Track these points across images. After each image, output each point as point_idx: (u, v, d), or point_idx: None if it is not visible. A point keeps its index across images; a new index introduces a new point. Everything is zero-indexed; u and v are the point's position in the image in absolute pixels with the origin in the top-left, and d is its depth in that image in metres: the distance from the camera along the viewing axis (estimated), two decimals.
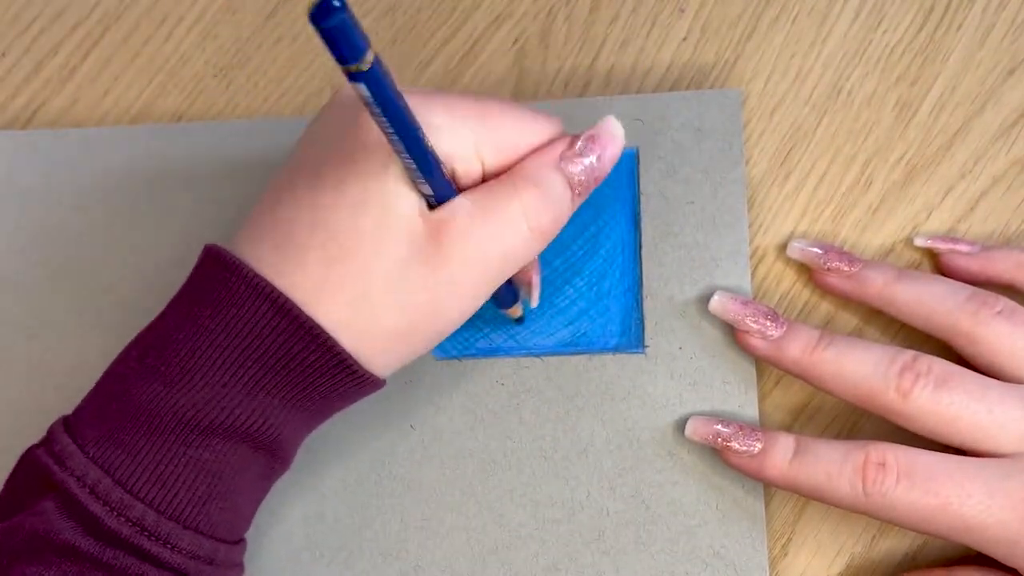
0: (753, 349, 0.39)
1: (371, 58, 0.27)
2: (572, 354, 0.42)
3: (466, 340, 0.42)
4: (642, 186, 0.43)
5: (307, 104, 0.47)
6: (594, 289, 0.42)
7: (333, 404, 0.36)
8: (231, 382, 0.33)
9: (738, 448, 0.38)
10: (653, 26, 0.46)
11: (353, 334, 0.34)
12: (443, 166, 0.33)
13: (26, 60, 0.49)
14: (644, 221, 0.43)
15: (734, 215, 0.42)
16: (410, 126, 0.31)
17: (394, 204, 0.33)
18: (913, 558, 0.40)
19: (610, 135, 0.36)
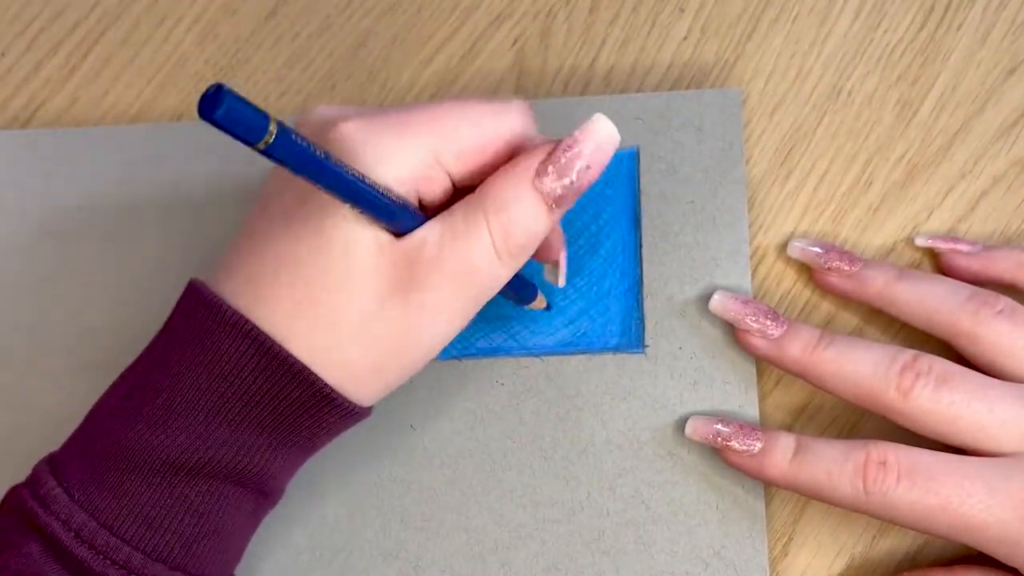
0: (753, 348, 0.39)
1: (274, 130, 0.26)
2: (572, 354, 0.42)
3: (466, 340, 0.42)
4: (642, 186, 0.43)
5: (307, 104, 0.47)
6: (594, 289, 0.42)
7: (319, 437, 0.35)
8: (215, 421, 0.33)
9: (738, 447, 0.38)
10: (653, 26, 0.46)
11: (333, 367, 0.33)
12: (400, 196, 0.32)
13: (26, 60, 0.49)
14: (644, 221, 0.43)
15: (734, 215, 0.42)
16: (344, 178, 0.30)
17: (353, 242, 0.32)
18: (913, 558, 0.40)
19: (594, 143, 0.33)
